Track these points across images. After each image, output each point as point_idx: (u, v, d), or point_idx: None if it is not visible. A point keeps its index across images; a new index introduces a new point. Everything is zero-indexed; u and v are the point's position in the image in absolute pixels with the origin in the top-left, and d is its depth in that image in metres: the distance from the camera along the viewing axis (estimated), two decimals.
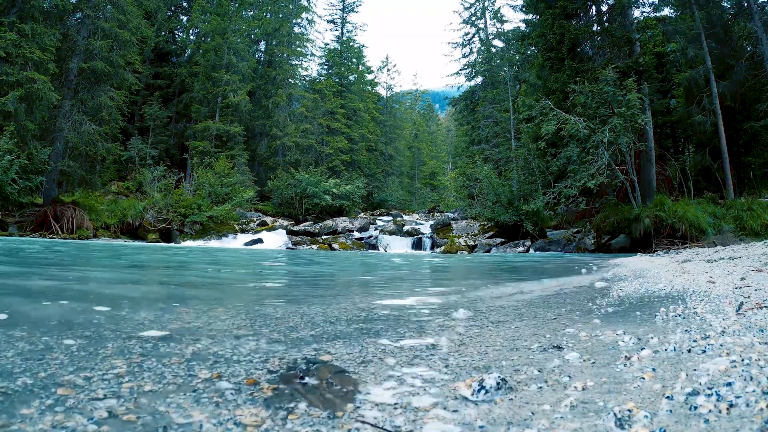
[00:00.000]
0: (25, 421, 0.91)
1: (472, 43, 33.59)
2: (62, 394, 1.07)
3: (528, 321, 2.35)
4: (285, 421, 0.95)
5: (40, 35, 14.67)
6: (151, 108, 26.36)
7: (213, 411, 1.00)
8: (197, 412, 0.98)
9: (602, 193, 14.46)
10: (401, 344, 1.74)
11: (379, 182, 35.44)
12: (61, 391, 1.08)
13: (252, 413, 0.98)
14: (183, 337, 1.77)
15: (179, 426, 0.92)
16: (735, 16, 16.23)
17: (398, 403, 1.07)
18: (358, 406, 1.04)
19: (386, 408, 1.03)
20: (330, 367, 1.31)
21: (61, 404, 1.01)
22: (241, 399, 1.08)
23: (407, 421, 0.96)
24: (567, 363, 1.40)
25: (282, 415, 0.97)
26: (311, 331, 2.02)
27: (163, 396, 1.08)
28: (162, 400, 1.06)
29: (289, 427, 0.92)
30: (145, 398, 1.06)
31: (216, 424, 0.92)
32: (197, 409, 1.01)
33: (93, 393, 1.08)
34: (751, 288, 2.87)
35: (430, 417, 0.98)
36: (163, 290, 4.12)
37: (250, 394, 1.10)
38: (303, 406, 1.02)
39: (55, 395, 1.06)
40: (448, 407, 1.04)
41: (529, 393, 1.12)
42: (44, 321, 2.10)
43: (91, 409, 0.98)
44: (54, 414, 0.95)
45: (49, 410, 0.97)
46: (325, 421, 0.94)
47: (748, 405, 0.90)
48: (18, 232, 14.47)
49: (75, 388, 1.11)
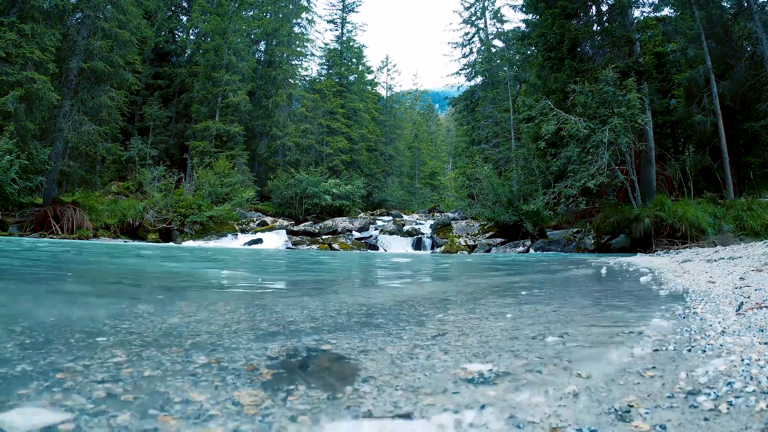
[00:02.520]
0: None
1: (472, 43, 33.62)
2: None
3: (537, 317, 2.35)
4: (285, 401, 0.95)
5: (40, 35, 14.67)
6: (151, 108, 26.37)
7: (213, 392, 1.00)
8: (196, 394, 0.99)
9: (602, 193, 14.45)
10: (401, 335, 1.74)
11: (379, 182, 35.43)
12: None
13: (251, 394, 0.98)
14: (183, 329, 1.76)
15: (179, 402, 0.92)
16: (735, 16, 16.24)
17: (398, 385, 1.07)
18: (357, 388, 1.04)
19: (385, 390, 1.04)
20: (330, 355, 1.31)
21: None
22: (240, 382, 1.08)
23: (408, 401, 0.96)
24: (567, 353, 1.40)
25: (282, 396, 0.98)
26: (311, 323, 2.02)
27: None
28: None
29: (289, 407, 0.92)
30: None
31: (214, 404, 0.92)
32: (196, 390, 1.01)
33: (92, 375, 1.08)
34: (751, 288, 2.87)
35: (429, 399, 0.98)
36: (163, 287, 4.12)
37: (249, 379, 1.10)
38: (303, 388, 1.02)
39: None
40: (448, 390, 1.04)
41: (527, 388, 1.12)
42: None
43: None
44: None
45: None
46: (326, 401, 0.95)
47: (748, 405, 0.90)
48: (18, 232, 14.46)
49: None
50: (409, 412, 0.90)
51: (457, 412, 0.91)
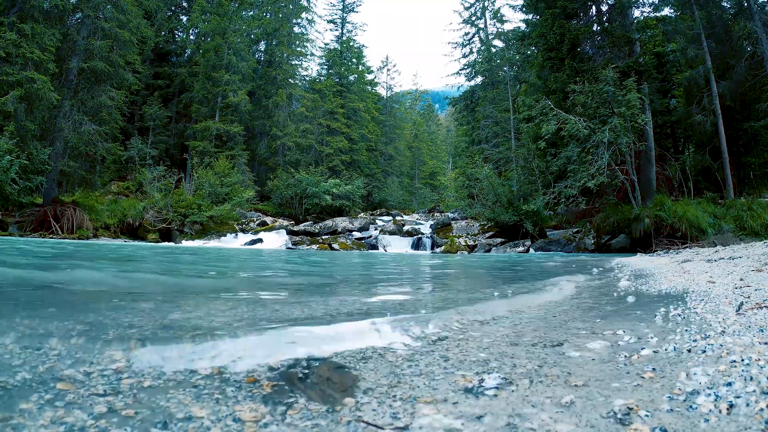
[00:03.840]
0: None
1: (472, 43, 33.57)
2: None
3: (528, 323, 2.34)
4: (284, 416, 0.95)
5: (40, 35, 14.65)
6: (151, 108, 26.34)
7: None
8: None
9: (602, 193, 14.44)
10: (402, 339, 1.74)
11: (379, 182, 35.40)
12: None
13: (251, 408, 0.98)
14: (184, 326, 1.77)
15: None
16: (735, 16, 16.22)
17: (397, 395, 1.07)
18: (359, 401, 1.04)
19: (385, 400, 1.04)
20: (330, 364, 1.31)
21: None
22: (241, 395, 1.07)
23: (405, 412, 0.96)
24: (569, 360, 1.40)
25: (281, 410, 0.97)
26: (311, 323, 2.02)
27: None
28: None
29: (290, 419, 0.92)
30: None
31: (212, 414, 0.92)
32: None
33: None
34: (751, 288, 2.87)
35: (428, 408, 0.98)
36: (162, 286, 4.12)
37: (250, 391, 1.10)
38: (303, 401, 1.02)
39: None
40: (448, 399, 1.04)
41: (522, 388, 1.12)
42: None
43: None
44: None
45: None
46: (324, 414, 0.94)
47: (748, 405, 0.90)
48: (18, 232, 14.46)
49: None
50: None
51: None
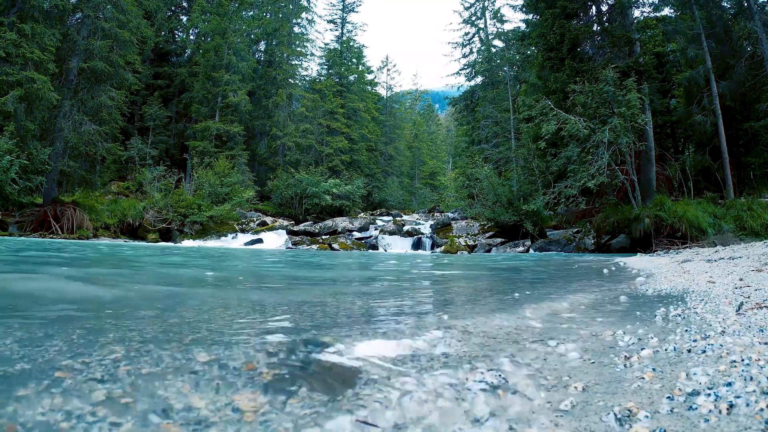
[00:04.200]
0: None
1: (472, 43, 33.59)
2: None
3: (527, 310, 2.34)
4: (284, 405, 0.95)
5: (40, 35, 14.66)
6: (151, 108, 26.36)
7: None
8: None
9: (602, 193, 14.44)
10: (400, 338, 1.74)
11: (379, 182, 35.41)
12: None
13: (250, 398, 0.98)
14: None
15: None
16: (735, 16, 16.23)
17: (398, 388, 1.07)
18: (358, 392, 1.04)
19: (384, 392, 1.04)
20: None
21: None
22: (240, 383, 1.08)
23: (404, 407, 0.96)
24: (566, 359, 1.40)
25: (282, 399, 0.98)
26: (310, 321, 2.02)
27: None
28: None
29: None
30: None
31: (213, 412, 0.92)
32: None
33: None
34: (751, 288, 2.87)
35: (430, 404, 0.98)
36: (164, 286, 4.12)
37: (250, 378, 1.10)
38: (304, 390, 1.02)
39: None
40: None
41: (523, 386, 1.12)
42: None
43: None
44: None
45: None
46: (326, 403, 0.95)
47: (748, 405, 0.90)
48: (18, 232, 14.46)
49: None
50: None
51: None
